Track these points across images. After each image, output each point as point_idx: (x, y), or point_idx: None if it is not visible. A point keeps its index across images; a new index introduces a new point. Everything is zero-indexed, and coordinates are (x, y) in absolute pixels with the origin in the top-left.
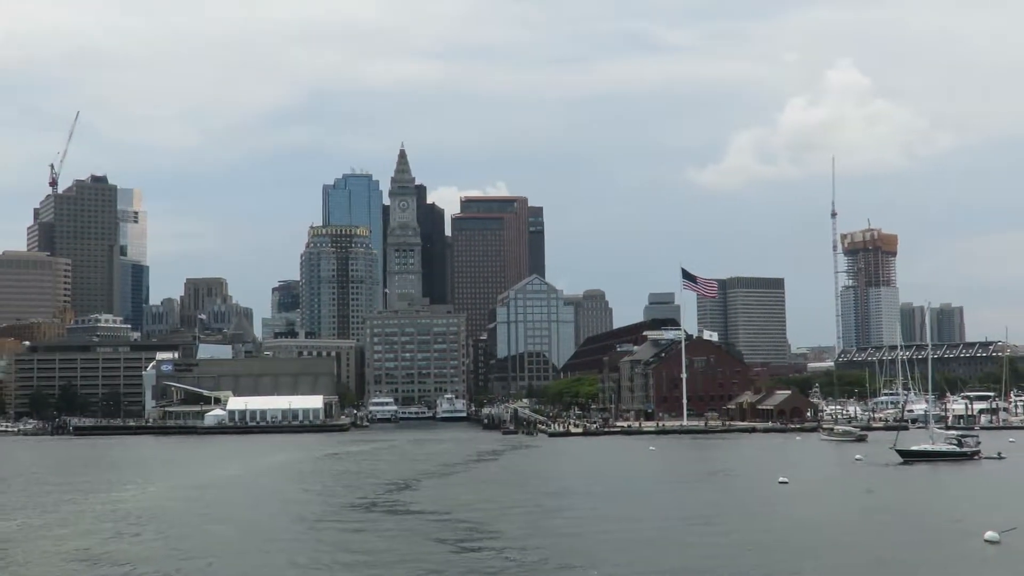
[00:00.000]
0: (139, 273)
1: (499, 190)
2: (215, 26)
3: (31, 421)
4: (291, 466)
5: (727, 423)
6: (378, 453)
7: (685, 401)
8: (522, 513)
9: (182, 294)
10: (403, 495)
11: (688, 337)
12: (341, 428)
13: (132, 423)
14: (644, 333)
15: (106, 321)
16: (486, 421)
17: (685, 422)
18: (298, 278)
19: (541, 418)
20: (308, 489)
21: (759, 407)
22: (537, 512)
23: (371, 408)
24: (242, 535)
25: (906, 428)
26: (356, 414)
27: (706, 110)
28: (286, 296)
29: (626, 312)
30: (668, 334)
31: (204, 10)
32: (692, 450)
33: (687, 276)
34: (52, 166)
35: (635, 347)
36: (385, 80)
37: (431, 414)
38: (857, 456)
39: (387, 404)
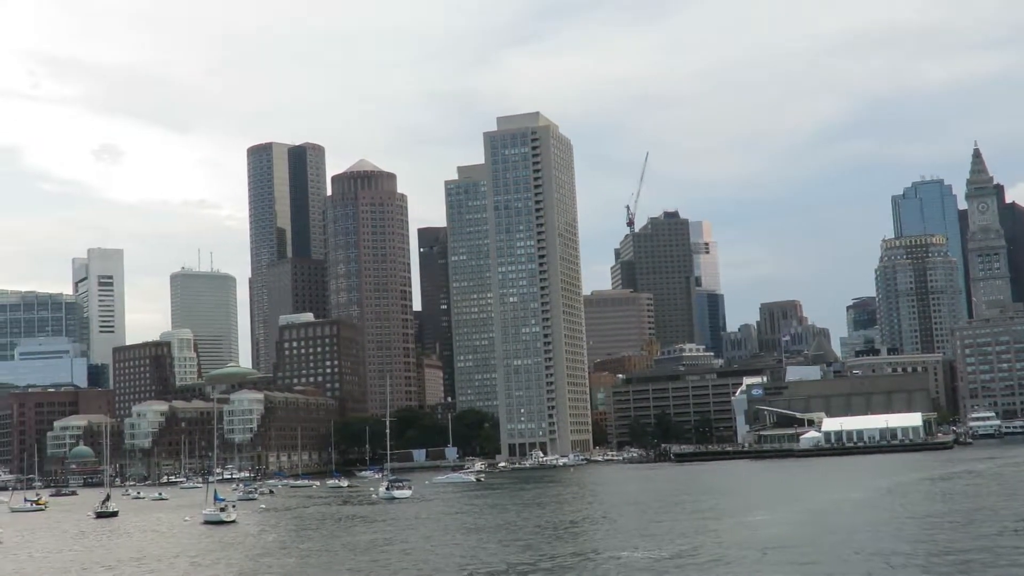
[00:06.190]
0: (714, 302)
1: None
2: (756, 51)
3: (633, 449)
4: (911, 487)
5: None
6: (1004, 473)
7: None
8: None
9: (757, 319)
10: None
11: None
12: (944, 446)
13: (728, 448)
14: None
15: (690, 350)
16: None
17: None
18: (873, 294)
19: None
20: (949, 512)
21: None
22: None
23: (971, 424)
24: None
25: None
26: (955, 431)
27: None
28: (861, 313)
29: None
30: None
31: (748, 36)
32: None
33: None
34: (628, 207)
35: None
36: (943, 79)
37: None
38: None
39: (989, 418)
